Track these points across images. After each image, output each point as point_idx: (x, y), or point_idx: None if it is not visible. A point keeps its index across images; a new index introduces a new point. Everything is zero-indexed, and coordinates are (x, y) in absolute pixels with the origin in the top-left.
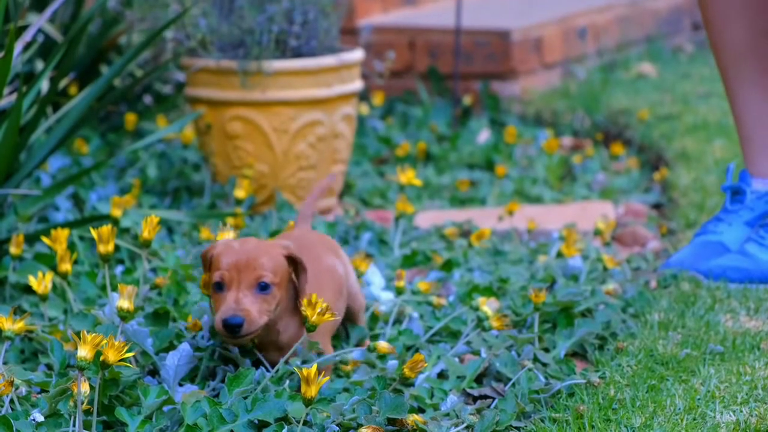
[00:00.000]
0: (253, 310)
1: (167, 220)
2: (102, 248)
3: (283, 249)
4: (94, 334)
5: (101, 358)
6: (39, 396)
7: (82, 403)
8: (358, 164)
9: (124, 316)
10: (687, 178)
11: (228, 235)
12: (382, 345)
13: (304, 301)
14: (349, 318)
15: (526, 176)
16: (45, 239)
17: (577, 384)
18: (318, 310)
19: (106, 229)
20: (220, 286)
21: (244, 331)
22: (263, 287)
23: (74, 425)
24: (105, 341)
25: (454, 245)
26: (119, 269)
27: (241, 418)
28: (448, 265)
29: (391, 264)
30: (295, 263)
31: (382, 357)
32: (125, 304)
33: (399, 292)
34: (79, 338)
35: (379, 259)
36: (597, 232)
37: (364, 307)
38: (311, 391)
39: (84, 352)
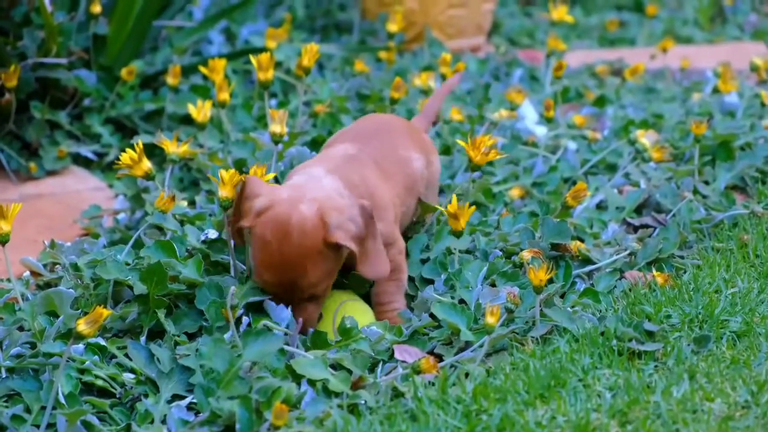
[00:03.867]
0: (312, 314)
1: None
2: (261, 75)
3: (329, 236)
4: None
5: None
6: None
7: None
8: (504, 5)
9: (277, 140)
10: None
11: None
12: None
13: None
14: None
15: (676, 17)
16: (202, 69)
17: (740, 215)
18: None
19: (265, 56)
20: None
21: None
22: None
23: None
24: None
25: (605, 83)
26: (273, 102)
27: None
28: (600, 101)
29: (543, 100)
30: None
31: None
32: (277, 128)
33: (549, 121)
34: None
35: (531, 96)
36: (753, 68)
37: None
38: (460, 225)
39: (224, 193)
